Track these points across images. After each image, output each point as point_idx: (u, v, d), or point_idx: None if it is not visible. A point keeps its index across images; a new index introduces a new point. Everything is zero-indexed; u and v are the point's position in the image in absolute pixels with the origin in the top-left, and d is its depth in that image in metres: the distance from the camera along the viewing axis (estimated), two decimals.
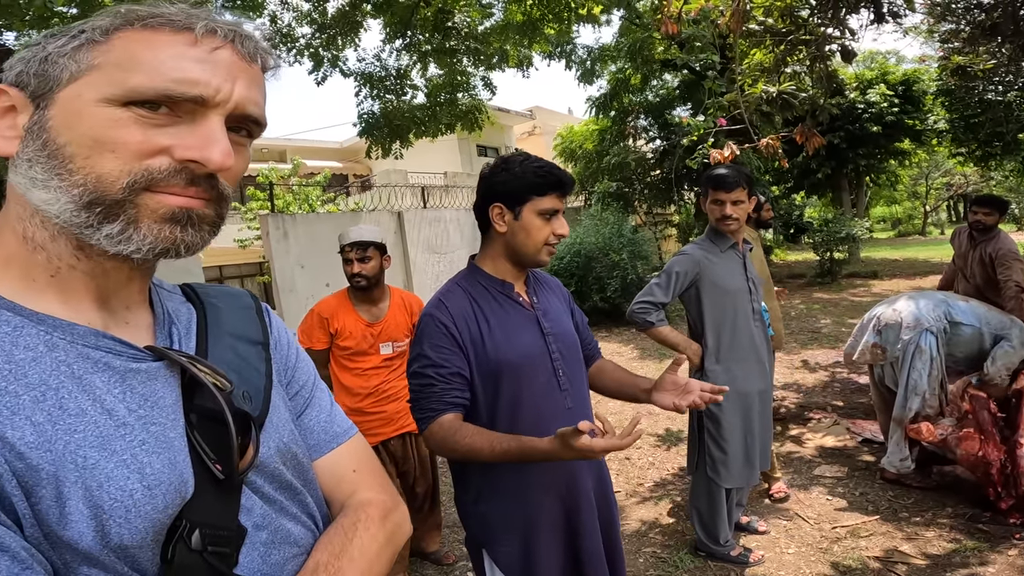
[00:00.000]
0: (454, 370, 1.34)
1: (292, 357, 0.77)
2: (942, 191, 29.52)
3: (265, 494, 0.64)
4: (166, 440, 0.56)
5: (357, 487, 0.75)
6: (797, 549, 2.62)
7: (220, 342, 0.67)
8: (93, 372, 0.54)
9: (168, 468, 0.54)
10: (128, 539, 0.50)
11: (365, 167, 18.82)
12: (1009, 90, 9.15)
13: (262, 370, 0.69)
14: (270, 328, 0.75)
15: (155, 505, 0.52)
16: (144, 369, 0.57)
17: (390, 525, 0.72)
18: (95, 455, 0.50)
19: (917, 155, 15.97)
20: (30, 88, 0.54)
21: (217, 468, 0.57)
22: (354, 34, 6.23)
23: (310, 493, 0.70)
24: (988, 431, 2.71)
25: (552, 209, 1.39)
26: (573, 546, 1.41)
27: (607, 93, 10.58)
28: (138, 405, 0.55)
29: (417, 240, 9.16)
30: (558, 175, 1.39)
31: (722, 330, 2.38)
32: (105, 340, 0.56)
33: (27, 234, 0.55)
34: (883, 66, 14.35)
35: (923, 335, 2.95)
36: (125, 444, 0.53)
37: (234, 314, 0.72)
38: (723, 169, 2.36)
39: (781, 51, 3.87)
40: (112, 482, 0.50)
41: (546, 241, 1.40)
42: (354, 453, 0.78)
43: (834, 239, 11.04)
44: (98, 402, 0.53)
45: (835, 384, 5.02)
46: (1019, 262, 3.49)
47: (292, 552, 0.64)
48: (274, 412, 0.68)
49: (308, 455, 0.73)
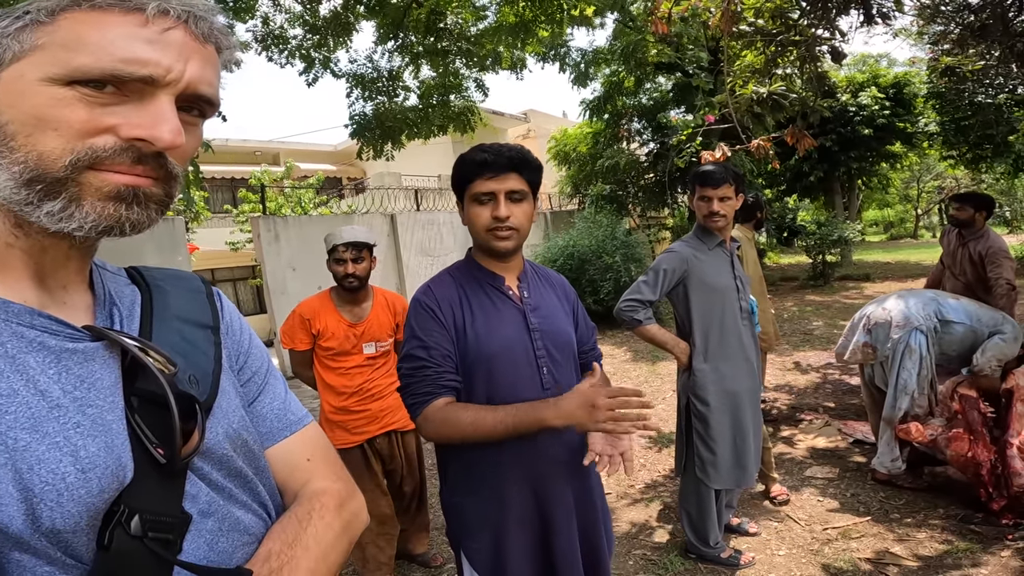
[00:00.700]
0: (444, 352, 1.33)
1: (245, 343, 0.76)
2: (933, 194, 29.73)
3: (212, 481, 0.62)
4: (103, 423, 0.54)
5: (312, 476, 0.74)
6: (788, 551, 2.60)
7: (166, 325, 0.65)
8: (27, 351, 0.52)
9: (104, 451, 0.53)
10: (60, 523, 0.49)
11: (359, 170, 18.79)
12: (999, 92, 9.22)
13: (211, 354, 0.67)
14: (221, 313, 0.74)
15: (89, 489, 0.51)
16: (81, 349, 0.56)
17: (346, 514, 0.71)
18: (26, 437, 0.49)
19: (908, 158, 16.07)
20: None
21: (159, 452, 0.55)
22: (346, 35, 6.21)
23: (262, 481, 0.69)
24: (978, 431, 2.71)
25: (485, 192, 1.34)
26: (546, 544, 1.38)
27: (601, 96, 10.62)
28: (74, 386, 0.54)
29: (410, 243, 9.14)
30: (482, 156, 1.33)
31: (710, 329, 2.36)
32: (40, 319, 0.54)
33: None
34: (874, 69, 14.46)
35: (913, 334, 2.94)
36: (58, 426, 0.51)
37: (182, 297, 0.70)
38: (710, 166, 2.35)
39: (771, 52, 3.87)
40: (43, 464, 0.49)
41: (487, 227, 1.35)
42: (308, 442, 0.76)
43: (826, 242, 11.10)
44: (31, 382, 0.51)
45: (827, 385, 5.02)
46: (1009, 260, 3.50)
47: (242, 540, 0.63)
48: (223, 397, 0.66)
49: (260, 443, 0.72)
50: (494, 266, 1.43)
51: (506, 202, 1.34)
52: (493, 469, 1.35)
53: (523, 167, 1.36)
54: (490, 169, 1.33)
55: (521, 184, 1.36)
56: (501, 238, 1.36)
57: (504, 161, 1.33)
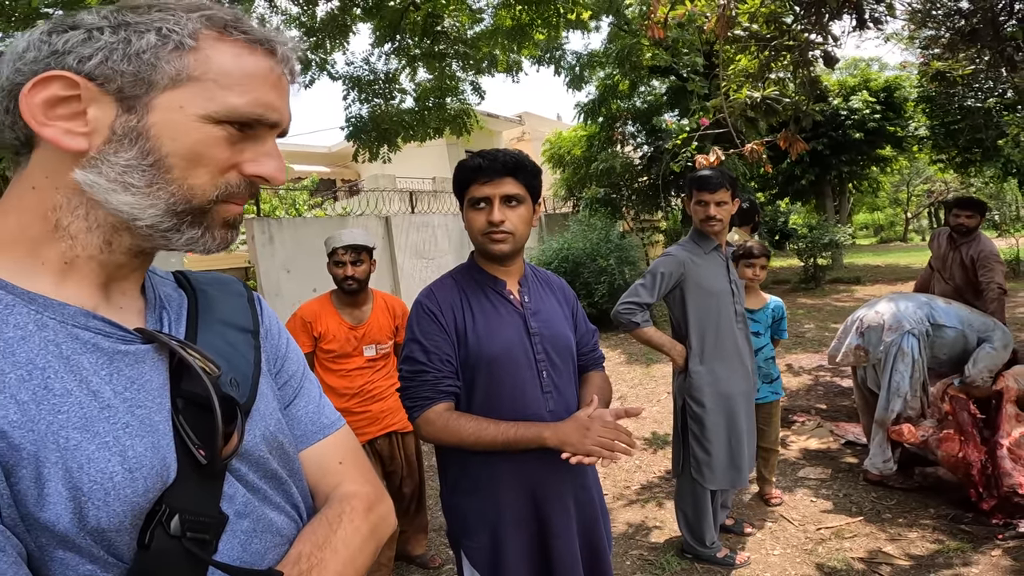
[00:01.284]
0: (444, 356, 1.35)
1: (282, 347, 0.77)
2: (923, 198, 30.00)
3: (249, 482, 0.64)
4: (151, 423, 0.55)
5: (342, 479, 0.75)
6: (783, 551, 2.63)
7: (210, 328, 0.67)
8: (81, 353, 0.54)
9: (151, 452, 0.54)
10: (106, 522, 0.50)
11: (353, 172, 18.74)
12: (988, 96, 9.33)
13: (251, 358, 0.69)
14: (261, 317, 0.75)
15: (135, 489, 0.52)
16: (132, 351, 0.57)
17: (374, 518, 0.72)
18: (77, 436, 0.50)
19: (898, 162, 16.21)
20: (115, 84, 0.54)
21: (200, 453, 0.57)
22: (343, 38, 6.21)
23: (295, 483, 0.70)
24: (968, 432, 2.75)
25: (480, 197, 1.37)
26: (544, 545, 1.40)
27: (595, 99, 10.66)
28: (124, 387, 0.55)
29: (405, 245, 9.13)
30: (476, 162, 1.37)
31: (706, 332, 2.39)
32: (95, 321, 0.56)
33: (62, 224, 0.55)
34: (865, 73, 14.58)
35: (905, 337, 2.98)
36: (108, 426, 0.52)
37: (225, 301, 0.72)
38: (707, 171, 2.38)
39: (765, 57, 3.92)
40: (93, 464, 0.50)
41: (482, 231, 1.39)
42: (341, 445, 0.78)
43: (818, 245, 11.19)
44: (84, 383, 0.52)
45: (819, 387, 5.06)
46: (1000, 264, 3.55)
47: (274, 541, 0.64)
48: (261, 400, 0.68)
49: (294, 445, 0.73)
50: (495, 270, 1.45)
51: (500, 206, 1.36)
52: (491, 470, 1.37)
53: (519, 171, 1.38)
54: (484, 174, 1.36)
55: (517, 188, 1.38)
56: (496, 241, 1.38)
57: (498, 166, 1.36)
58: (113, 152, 0.54)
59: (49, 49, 0.53)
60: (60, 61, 0.53)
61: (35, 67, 0.53)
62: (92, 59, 0.53)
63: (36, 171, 0.56)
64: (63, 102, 0.53)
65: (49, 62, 0.53)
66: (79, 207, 0.55)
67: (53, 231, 0.55)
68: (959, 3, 4.45)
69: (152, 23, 0.55)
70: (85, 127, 0.54)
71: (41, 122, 0.53)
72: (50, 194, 0.55)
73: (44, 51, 0.53)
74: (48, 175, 0.55)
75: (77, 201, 0.55)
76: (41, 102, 0.52)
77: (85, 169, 0.54)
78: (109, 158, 0.54)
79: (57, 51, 0.53)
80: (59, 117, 0.53)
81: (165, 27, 0.55)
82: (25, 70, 0.53)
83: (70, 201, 0.55)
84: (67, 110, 0.53)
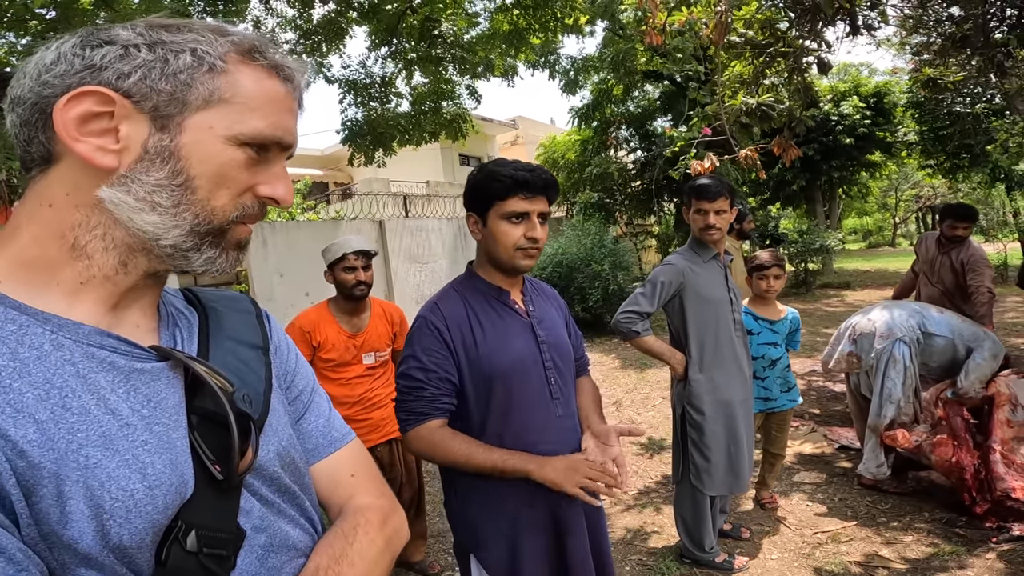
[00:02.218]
0: (443, 375, 1.34)
1: (292, 362, 0.78)
2: (911, 203, 30.31)
3: (263, 497, 0.64)
4: (168, 441, 0.56)
5: (355, 492, 0.76)
6: (780, 555, 2.65)
7: (221, 345, 0.67)
8: (98, 371, 0.54)
9: (169, 469, 0.54)
10: (127, 539, 0.50)
11: (347, 175, 18.69)
12: (977, 102, 9.45)
13: (262, 374, 0.69)
14: (270, 333, 0.76)
15: (156, 506, 0.52)
16: (148, 369, 0.57)
17: (389, 530, 0.73)
18: (97, 454, 0.50)
19: (887, 167, 16.38)
20: (150, 103, 0.54)
21: (216, 469, 0.57)
22: (339, 41, 6.20)
23: (308, 497, 0.71)
24: (961, 437, 2.78)
25: (518, 212, 1.34)
26: (560, 545, 1.41)
27: (590, 103, 10.70)
28: (141, 405, 0.55)
29: (398, 249, 9.11)
30: (522, 176, 1.32)
31: (705, 340, 2.40)
32: (110, 340, 0.56)
33: (79, 243, 0.55)
34: (856, 78, 14.74)
35: (896, 344, 3.01)
36: (128, 444, 0.53)
37: (235, 318, 0.72)
38: (706, 179, 2.39)
39: (760, 63, 3.95)
40: (114, 482, 0.50)
41: (517, 245, 1.35)
42: (352, 458, 0.78)
43: (809, 250, 11.28)
44: (102, 401, 0.53)
45: (811, 392, 5.10)
46: (989, 268, 3.61)
47: (290, 555, 0.65)
48: (273, 416, 0.68)
49: (306, 459, 0.74)
50: (500, 281, 1.44)
51: (538, 223, 1.37)
52: (503, 479, 1.36)
53: (552, 189, 1.39)
54: (528, 189, 1.33)
55: (547, 206, 1.39)
56: (530, 256, 1.38)
57: (541, 183, 1.35)
58: (144, 171, 0.54)
59: (83, 64, 0.53)
60: (96, 76, 0.52)
61: (67, 81, 0.52)
62: (131, 76, 0.53)
63: (55, 188, 0.55)
64: (95, 118, 0.53)
65: (84, 76, 0.52)
66: (97, 226, 0.55)
67: (71, 251, 0.55)
68: (950, 9, 4.52)
69: (187, 43, 0.55)
70: (116, 144, 0.54)
71: (74, 137, 0.52)
72: (69, 212, 0.54)
73: (77, 65, 0.53)
74: (69, 192, 0.54)
75: (96, 220, 0.55)
76: (75, 117, 0.52)
77: (113, 187, 0.54)
78: (140, 177, 0.54)
79: (94, 65, 0.53)
80: (90, 133, 0.53)
81: (200, 48, 0.55)
82: (56, 83, 0.52)
83: (89, 220, 0.55)
84: (98, 126, 0.53)
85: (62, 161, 0.54)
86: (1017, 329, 7.06)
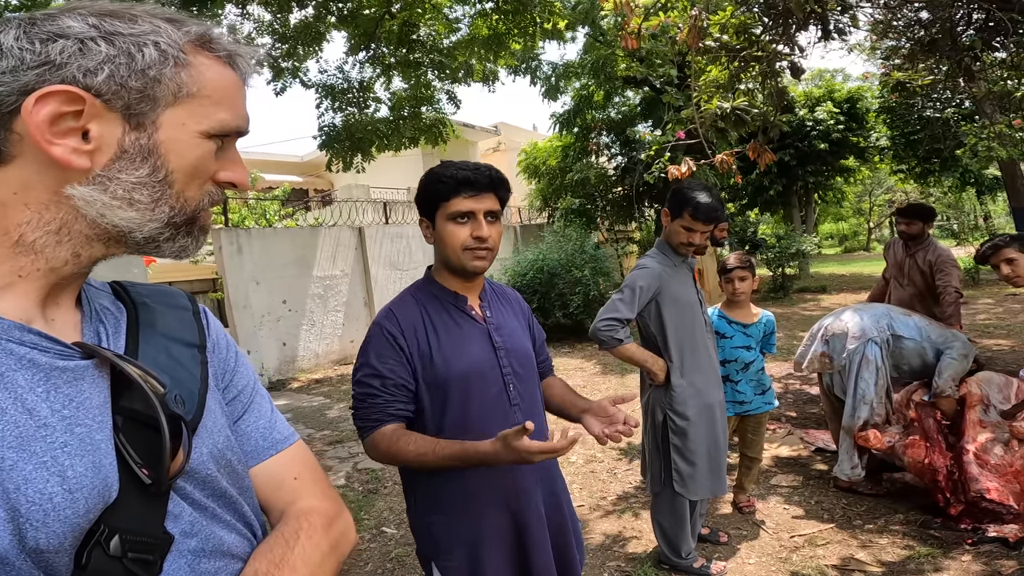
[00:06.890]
0: (399, 382, 1.32)
1: (231, 361, 0.75)
2: (885, 208, 30.97)
3: (195, 500, 0.62)
4: (91, 443, 0.53)
5: (298, 494, 0.73)
6: (758, 559, 2.64)
7: (152, 343, 0.64)
8: (16, 369, 0.51)
9: (92, 472, 0.52)
10: (44, 543, 0.48)
11: (326, 182, 18.54)
12: (947, 107, 9.66)
13: (197, 373, 0.66)
14: (208, 331, 0.73)
15: (76, 509, 0.50)
16: (71, 367, 0.55)
17: (334, 533, 0.70)
18: (13, 456, 0.48)
19: (861, 172, 16.71)
20: (121, 101, 0.52)
21: (144, 473, 0.55)
22: (316, 45, 6.16)
23: (246, 501, 0.68)
24: (933, 438, 2.81)
25: (463, 211, 1.32)
26: (524, 562, 1.39)
27: (571, 109, 10.76)
28: (62, 405, 0.53)
29: (379, 256, 9.04)
30: (463, 175, 1.30)
31: (683, 344, 2.38)
32: (30, 335, 0.53)
33: (26, 239, 0.53)
34: (830, 84, 15.03)
35: (868, 345, 3.04)
36: (46, 446, 0.50)
37: (168, 315, 0.69)
38: (708, 199, 2.28)
39: (735, 67, 3.99)
40: (30, 485, 0.48)
41: (464, 246, 1.33)
42: (295, 460, 0.76)
43: (786, 255, 11.44)
44: (19, 401, 0.50)
45: (788, 395, 5.14)
46: (956, 269, 3.69)
47: (225, 561, 0.62)
48: (208, 416, 0.65)
49: (244, 462, 0.71)
50: (457, 286, 1.42)
51: (485, 222, 1.34)
52: (463, 485, 1.34)
53: (500, 187, 1.36)
54: (471, 188, 1.32)
55: (496, 204, 1.36)
56: (480, 257, 1.35)
57: (485, 180, 1.33)
58: (122, 170, 0.54)
59: (37, 59, 0.50)
60: (57, 74, 0.50)
61: (23, 79, 0.50)
62: (98, 74, 0.51)
63: (2, 188, 0.52)
64: (61, 118, 0.51)
65: (43, 74, 0.50)
66: (51, 222, 0.54)
67: (13, 247, 0.53)
68: (919, 14, 4.61)
69: (146, 36, 0.54)
70: (88, 144, 0.52)
71: (49, 140, 0.50)
72: (16, 210, 0.53)
73: (29, 61, 0.50)
74: (17, 191, 0.52)
75: (51, 216, 0.53)
76: (46, 118, 0.50)
77: (86, 186, 0.53)
78: (119, 176, 0.54)
79: (52, 63, 0.50)
80: (59, 134, 0.51)
81: (162, 41, 0.54)
82: (7, 81, 0.50)
83: (41, 216, 0.53)
84: (65, 126, 0.51)
85: (15, 161, 0.52)
86: (989, 331, 7.21)
